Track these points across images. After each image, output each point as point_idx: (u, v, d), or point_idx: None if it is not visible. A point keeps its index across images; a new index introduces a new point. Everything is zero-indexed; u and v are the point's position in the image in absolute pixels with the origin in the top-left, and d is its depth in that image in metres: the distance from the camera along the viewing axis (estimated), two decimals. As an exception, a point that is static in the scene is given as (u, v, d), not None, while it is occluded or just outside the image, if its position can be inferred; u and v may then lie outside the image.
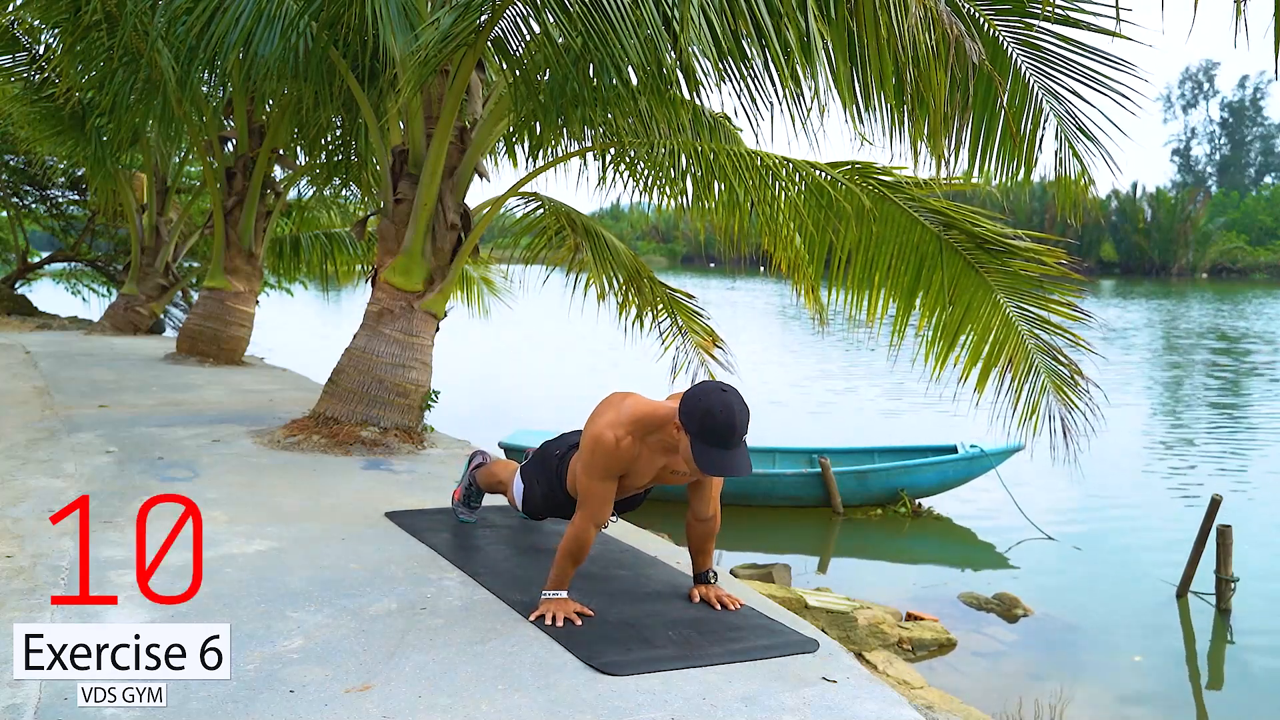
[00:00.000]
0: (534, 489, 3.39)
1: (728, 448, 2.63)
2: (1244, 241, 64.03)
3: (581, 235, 6.70)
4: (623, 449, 2.81)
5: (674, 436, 2.77)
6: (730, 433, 2.61)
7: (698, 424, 2.63)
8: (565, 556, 2.92)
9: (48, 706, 2.26)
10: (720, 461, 2.63)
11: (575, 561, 2.93)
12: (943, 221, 5.45)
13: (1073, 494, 8.59)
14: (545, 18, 4.58)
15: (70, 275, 19.26)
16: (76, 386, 7.39)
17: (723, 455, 2.63)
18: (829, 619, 5.18)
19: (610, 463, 2.83)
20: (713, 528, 3.11)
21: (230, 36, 5.30)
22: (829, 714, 2.42)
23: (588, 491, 2.88)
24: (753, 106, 4.60)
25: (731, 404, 2.63)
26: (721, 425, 2.61)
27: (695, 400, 2.66)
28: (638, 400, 2.92)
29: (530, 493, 3.41)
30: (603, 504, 2.88)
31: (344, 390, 5.66)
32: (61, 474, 4.55)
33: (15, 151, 15.00)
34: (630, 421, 2.82)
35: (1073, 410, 5.46)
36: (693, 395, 2.69)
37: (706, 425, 2.62)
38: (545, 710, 2.34)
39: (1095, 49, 4.96)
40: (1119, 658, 5.45)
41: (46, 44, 9.97)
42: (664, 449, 2.88)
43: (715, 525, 3.12)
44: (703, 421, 2.62)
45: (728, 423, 2.60)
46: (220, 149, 9.27)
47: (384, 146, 5.87)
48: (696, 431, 2.64)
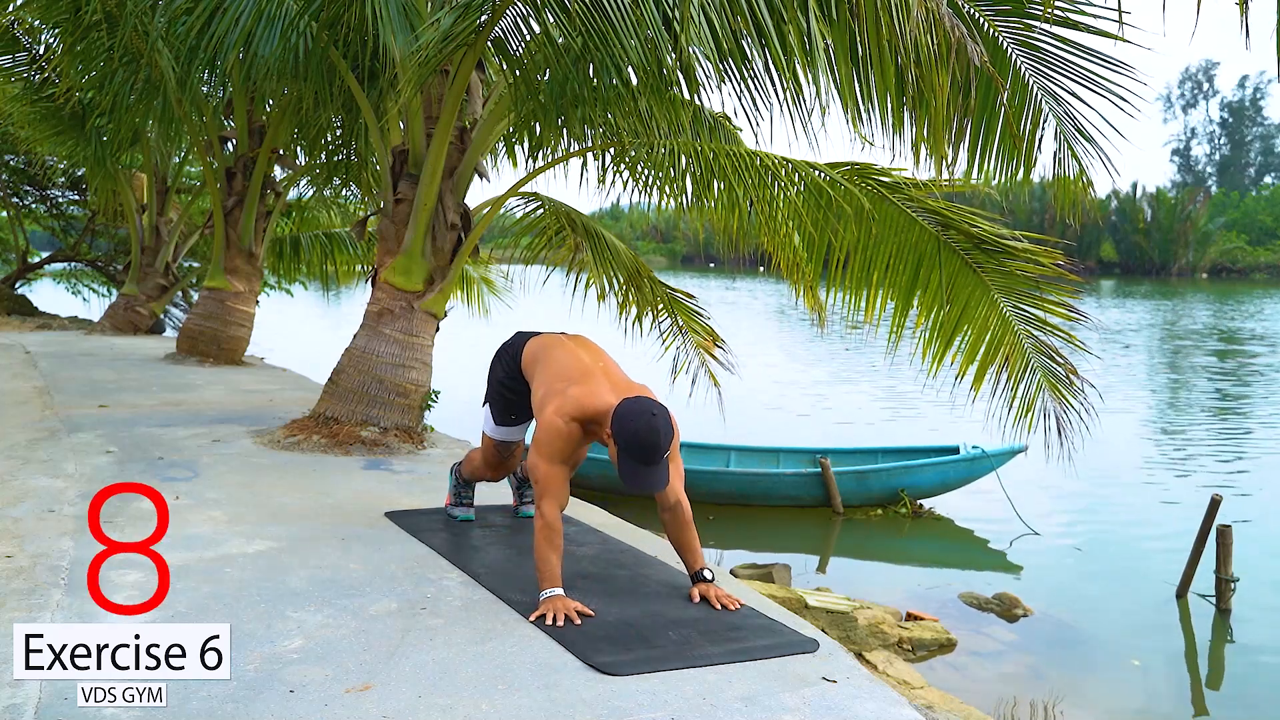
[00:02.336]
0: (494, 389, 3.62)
1: (648, 464, 2.94)
2: (1244, 241, 64.06)
3: (581, 235, 6.70)
4: (570, 432, 3.08)
5: (606, 438, 3.06)
6: (652, 453, 2.92)
7: (624, 440, 2.93)
8: (543, 546, 3.01)
9: (48, 706, 2.26)
10: (638, 476, 2.95)
11: (554, 549, 3.01)
12: (941, 222, 5.46)
13: (1073, 494, 8.59)
14: (545, 18, 4.58)
15: (70, 275, 19.27)
16: (76, 386, 7.39)
17: (640, 470, 2.95)
18: (829, 619, 5.18)
19: (564, 445, 3.08)
20: (681, 515, 3.18)
21: (230, 36, 5.30)
22: (829, 714, 2.42)
23: (546, 476, 3.07)
24: (753, 107, 4.60)
25: (658, 429, 2.91)
26: (645, 446, 2.91)
27: (627, 419, 2.93)
28: (586, 391, 3.12)
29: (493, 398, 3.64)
30: (561, 486, 3.09)
31: (344, 390, 5.66)
32: (61, 474, 4.55)
33: (15, 151, 15.00)
34: (577, 410, 3.09)
35: (1068, 409, 5.48)
36: (626, 414, 2.95)
37: (632, 444, 2.92)
38: (545, 710, 2.34)
39: (1095, 51, 4.97)
40: (1119, 658, 5.45)
41: (46, 44, 9.96)
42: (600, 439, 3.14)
43: (684, 513, 3.18)
44: (630, 440, 2.92)
45: (651, 444, 2.91)
46: (220, 149, 9.27)
47: (384, 146, 5.87)
48: (623, 446, 2.94)
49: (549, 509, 3.04)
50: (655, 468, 2.95)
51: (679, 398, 7.17)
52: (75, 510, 3.92)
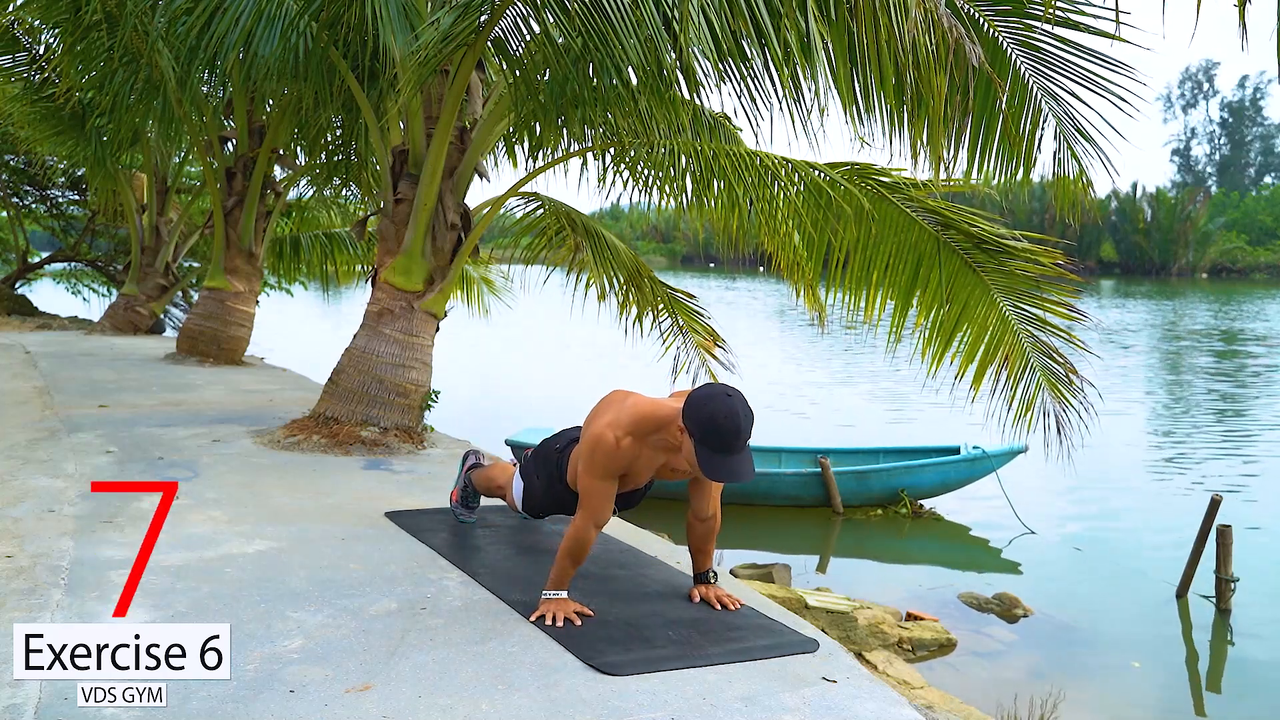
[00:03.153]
0: (534, 485, 3.39)
1: (731, 453, 2.63)
2: (1244, 241, 64.07)
3: (581, 235, 6.70)
4: (623, 449, 2.82)
5: (676, 438, 2.77)
6: (735, 438, 2.61)
7: (702, 429, 2.63)
8: (565, 556, 2.92)
9: (48, 706, 2.26)
10: (724, 466, 2.64)
11: (575, 561, 2.93)
12: (940, 221, 5.46)
13: (1073, 495, 8.59)
14: (545, 18, 4.58)
15: (70, 275, 19.27)
16: (76, 386, 7.39)
17: (726, 460, 2.63)
18: (829, 619, 5.18)
19: (611, 463, 2.84)
20: (713, 526, 3.11)
21: (230, 36, 5.30)
22: (829, 714, 2.42)
23: (589, 491, 2.88)
24: (753, 107, 4.60)
25: (737, 409, 2.62)
26: (727, 431, 2.60)
27: (701, 404, 2.65)
28: (639, 400, 2.93)
29: (530, 489, 3.41)
30: (604, 503, 2.89)
31: (344, 390, 5.66)
32: (61, 474, 4.55)
33: (15, 151, 15.00)
34: (631, 422, 2.83)
35: (1067, 408, 5.48)
36: (698, 399, 2.68)
37: (711, 430, 2.61)
38: (545, 710, 2.34)
39: (1095, 51, 4.97)
40: (1119, 658, 5.45)
41: (46, 44, 9.97)
42: (665, 448, 2.88)
43: (716, 524, 3.12)
44: (707, 426, 2.62)
45: (733, 428, 2.60)
46: (220, 149, 9.27)
47: (384, 146, 5.87)
48: (701, 436, 2.63)
49: (583, 522, 2.87)
50: (739, 456, 2.64)
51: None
52: (75, 510, 3.92)
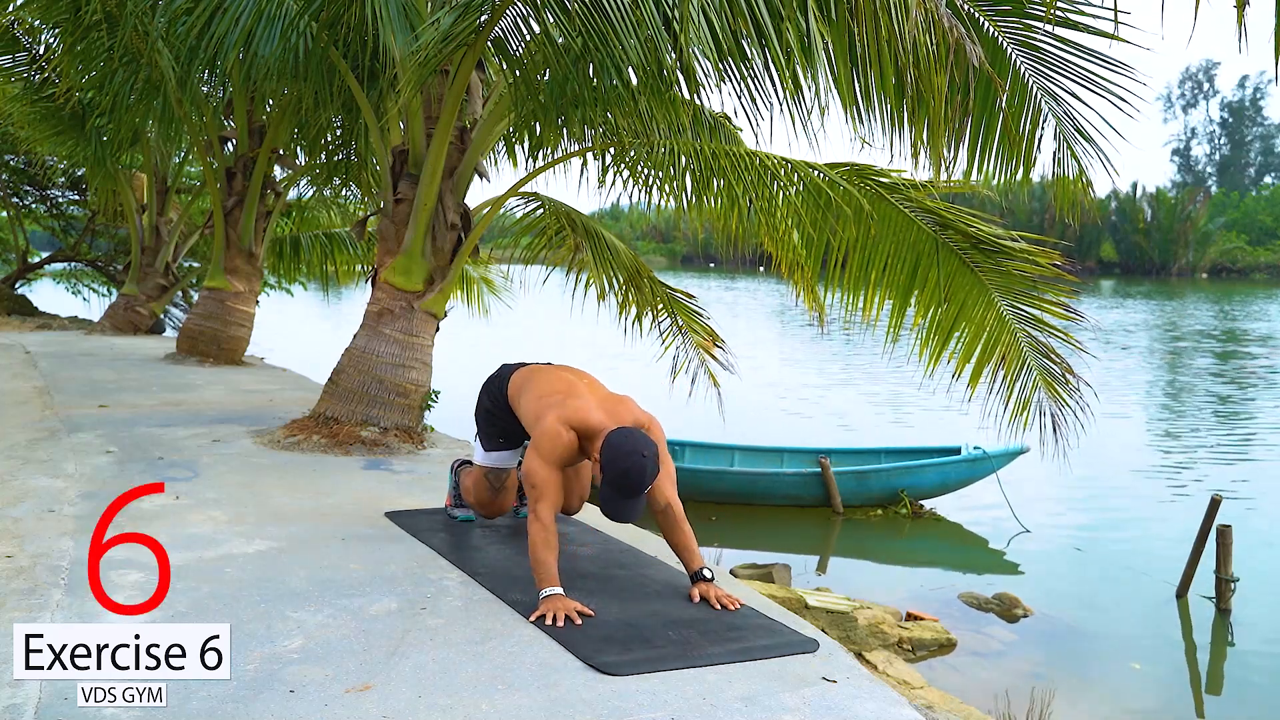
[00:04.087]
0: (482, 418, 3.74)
1: (627, 499, 3.04)
2: (1244, 241, 64.04)
3: (581, 235, 6.70)
4: (570, 440, 3.18)
5: (594, 461, 3.13)
6: (636, 490, 3.02)
7: (612, 474, 3.02)
8: (539, 549, 3.05)
9: (48, 706, 2.26)
10: (618, 508, 3.06)
11: (551, 550, 3.05)
12: (939, 222, 5.47)
13: (1074, 495, 8.60)
14: (545, 18, 4.58)
15: (70, 275, 19.27)
16: (76, 386, 7.39)
17: (621, 503, 3.05)
18: (829, 619, 5.18)
19: (562, 451, 3.16)
20: (672, 517, 3.22)
21: (230, 36, 5.29)
22: (829, 714, 2.42)
23: (542, 481, 3.14)
24: (753, 107, 4.60)
25: (645, 470, 2.99)
26: (629, 487, 3.01)
27: (618, 455, 3.01)
28: (581, 405, 3.22)
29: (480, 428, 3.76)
30: (556, 490, 3.16)
31: (344, 390, 5.66)
32: (61, 474, 4.55)
33: (15, 151, 14.99)
34: (576, 420, 3.18)
35: (1063, 408, 5.49)
36: (618, 449, 3.01)
37: (619, 478, 3.01)
38: (545, 710, 2.35)
39: (1094, 51, 4.97)
40: (1119, 658, 5.45)
41: (46, 44, 9.95)
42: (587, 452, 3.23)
43: (675, 514, 3.22)
44: (618, 476, 3.01)
45: (636, 484, 3.01)
46: (220, 149, 9.27)
47: (384, 146, 5.87)
48: (609, 479, 3.03)
49: (544, 511, 3.10)
50: (636, 501, 3.05)
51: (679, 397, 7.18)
52: (75, 510, 3.92)
